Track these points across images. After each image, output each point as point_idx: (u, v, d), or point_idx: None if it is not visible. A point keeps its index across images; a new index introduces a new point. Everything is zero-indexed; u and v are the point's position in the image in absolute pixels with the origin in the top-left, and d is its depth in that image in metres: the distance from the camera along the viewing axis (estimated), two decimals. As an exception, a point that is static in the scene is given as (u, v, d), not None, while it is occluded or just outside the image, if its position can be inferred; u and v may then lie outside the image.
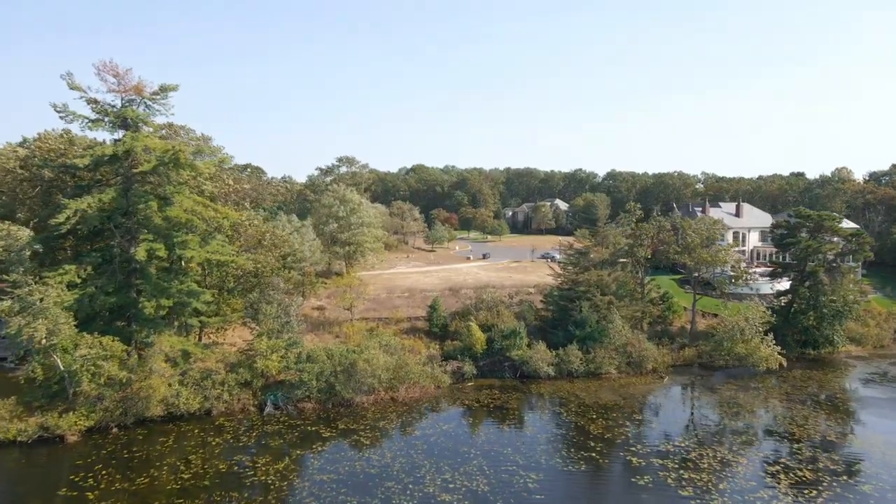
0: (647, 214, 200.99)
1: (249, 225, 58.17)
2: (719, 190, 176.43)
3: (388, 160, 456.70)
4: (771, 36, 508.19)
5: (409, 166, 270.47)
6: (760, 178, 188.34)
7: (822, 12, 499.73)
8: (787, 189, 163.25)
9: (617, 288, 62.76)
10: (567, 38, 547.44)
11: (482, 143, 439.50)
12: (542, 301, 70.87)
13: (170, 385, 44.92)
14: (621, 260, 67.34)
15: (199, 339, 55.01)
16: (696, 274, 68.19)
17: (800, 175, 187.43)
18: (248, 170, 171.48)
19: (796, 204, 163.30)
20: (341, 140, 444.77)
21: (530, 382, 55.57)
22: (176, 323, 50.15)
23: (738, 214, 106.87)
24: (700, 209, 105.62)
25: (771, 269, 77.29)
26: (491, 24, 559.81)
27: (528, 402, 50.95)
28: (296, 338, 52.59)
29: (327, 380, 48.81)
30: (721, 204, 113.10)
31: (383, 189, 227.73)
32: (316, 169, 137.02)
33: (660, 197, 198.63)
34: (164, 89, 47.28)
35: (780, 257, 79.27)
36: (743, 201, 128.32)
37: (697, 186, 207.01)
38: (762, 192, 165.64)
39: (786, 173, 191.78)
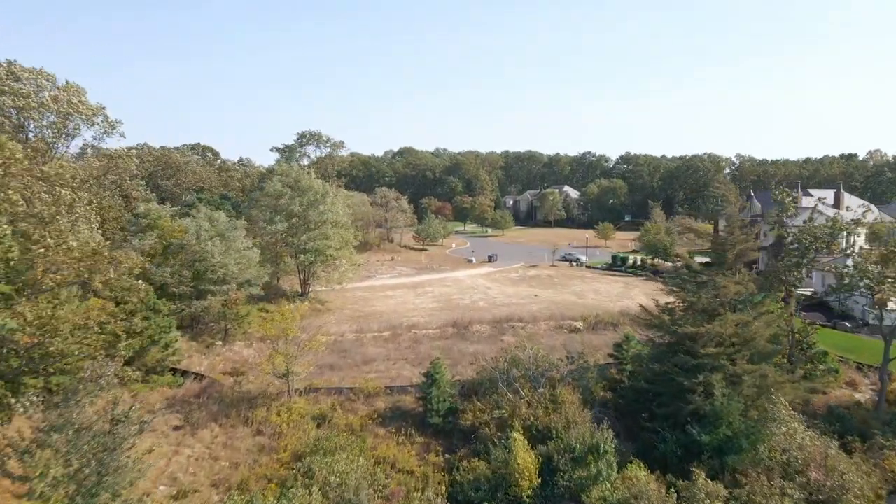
0: (671, 203, 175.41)
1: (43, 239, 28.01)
2: (763, 174, 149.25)
3: (374, 143, 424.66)
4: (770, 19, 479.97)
5: (395, 149, 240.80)
6: (808, 160, 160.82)
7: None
8: (853, 172, 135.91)
9: (769, 344, 34.44)
10: (568, 19, 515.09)
11: (477, 124, 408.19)
12: (613, 356, 42.66)
13: None
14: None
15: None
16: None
17: (852, 157, 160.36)
18: (199, 150, 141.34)
19: (864, 190, 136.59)
20: (325, 124, 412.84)
21: (632, 558, 27.34)
22: None
23: (836, 205, 79.03)
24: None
25: None
26: (484, 6, 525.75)
27: None
28: None
29: None
30: (811, 191, 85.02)
31: (367, 174, 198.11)
32: (272, 149, 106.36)
33: (687, 183, 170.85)
34: None
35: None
36: (803, 187, 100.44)
37: (726, 171, 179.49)
38: (819, 177, 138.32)
39: (835, 154, 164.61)
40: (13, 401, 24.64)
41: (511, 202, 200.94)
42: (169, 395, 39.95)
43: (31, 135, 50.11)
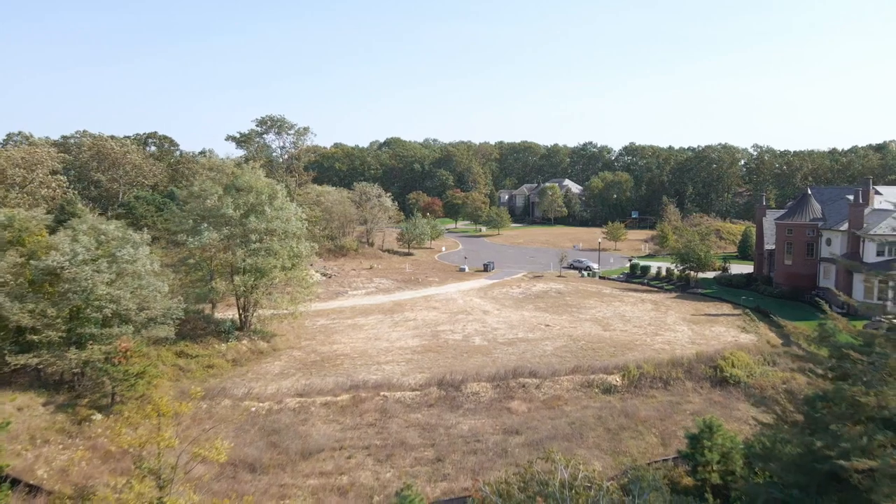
0: (682, 198, 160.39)
1: None
2: (787, 165, 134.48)
3: (362, 135, 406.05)
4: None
5: (382, 140, 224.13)
6: (834, 151, 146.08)
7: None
8: (892, 164, 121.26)
9: None
10: (567, 13, 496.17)
11: (469, 113, 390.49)
12: (684, 454, 27.52)
13: None
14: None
15: None
16: None
17: (882, 147, 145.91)
18: (156, 140, 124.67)
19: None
20: (311, 113, 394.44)
21: None
22: None
23: (911, 205, 63.92)
24: (861, 196, 62.44)
25: None
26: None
27: None
28: None
29: None
30: (879, 188, 69.76)
31: (350, 167, 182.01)
32: (227, 138, 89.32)
33: (700, 176, 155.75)
34: None
35: None
36: (834, 182, 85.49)
37: (741, 163, 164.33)
38: (853, 170, 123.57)
39: (861, 145, 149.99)
40: None
41: (506, 197, 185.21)
42: (-31, 535, 24.46)
43: None
